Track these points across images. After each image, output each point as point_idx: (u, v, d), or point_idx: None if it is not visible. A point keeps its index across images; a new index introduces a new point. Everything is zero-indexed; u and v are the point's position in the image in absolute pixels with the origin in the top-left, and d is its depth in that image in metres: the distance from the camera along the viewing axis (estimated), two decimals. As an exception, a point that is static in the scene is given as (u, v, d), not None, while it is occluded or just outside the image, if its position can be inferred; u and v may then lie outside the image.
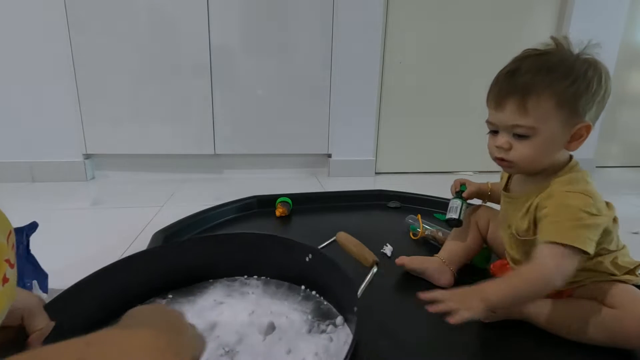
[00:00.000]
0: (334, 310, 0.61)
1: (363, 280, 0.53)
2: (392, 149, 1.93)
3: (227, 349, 0.54)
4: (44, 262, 0.75)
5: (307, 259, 0.63)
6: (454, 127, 1.95)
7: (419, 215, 1.07)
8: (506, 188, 0.76)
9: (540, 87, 0.60)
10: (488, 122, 0.67)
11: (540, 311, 0.67)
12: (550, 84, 0.60)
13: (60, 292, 0.59)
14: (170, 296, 0.67)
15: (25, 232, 0.73)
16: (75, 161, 1.65)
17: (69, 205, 1.38)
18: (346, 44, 1.70)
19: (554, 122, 0.61)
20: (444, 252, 0.85)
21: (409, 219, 1.09)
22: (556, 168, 0.66)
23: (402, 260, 0.84)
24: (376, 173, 1.94)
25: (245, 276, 0.70)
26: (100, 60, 1.56)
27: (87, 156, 1.68)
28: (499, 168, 0.80)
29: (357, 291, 0.51)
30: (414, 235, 1.05)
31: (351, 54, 1.72)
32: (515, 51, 0.69)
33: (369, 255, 0.55)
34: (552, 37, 0.65)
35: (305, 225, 1.16)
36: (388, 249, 0.96)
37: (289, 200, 1.22)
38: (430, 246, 1.00)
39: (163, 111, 1.66)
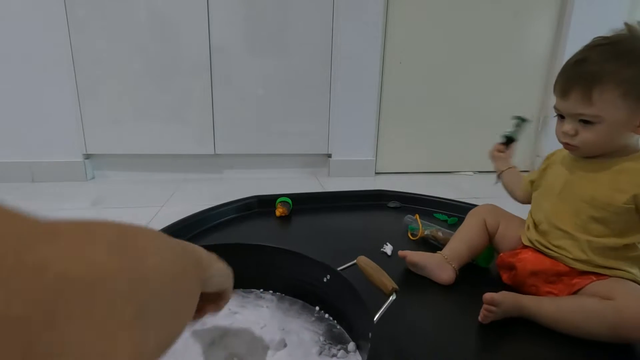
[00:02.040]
0: (347, 335, 0.60)
1: (380, 307, 0.52)
2: (392, 149, 1.93)
3: (236, 359, 0.55)
4: (44, 261, 0.75)
5: (325, 280, 0.61)
6: (454, 127, 1.95)
7: (417, 215, 1.06)
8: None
9: (605, 77, 0.61)
10: (555, 108, 0.69)
11: (542, 309, 0.67)
12: (617, 73, 0.60)
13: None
14: None
15: (25, 232, 0.73)
16: (75, 161, 1.65)
17: (69, 205, 1.38)
18: (346, 44, 1.70)
19: (619, 110, 0.62)
20: (446, 249, 0.85)
21: (407, 219, 1.09)
22: (629, 150, 0.67)
23: (404, 253, 0.84)
24: (376, 173, 1.93)
25: (261, 289, 0.69)
26: (100, 60, 1.56)
27: (87, 156, 1.68)
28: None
29: (373, 317, 0.49)
30: (413, 235, 1.04)
31: (351, 54, 1.72)
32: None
33: (388, 282, 0.53)
34: (626, 23, 0.65)
35: (305, 225, 1.16)
36: (388, 248, 0.96)
37: (289, 200, 1.22)
38: (431, 246, 1.00)
39: (163, 111, 1.66)
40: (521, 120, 0.89)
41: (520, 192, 0.87)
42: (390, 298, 0.52)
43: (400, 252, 0.85)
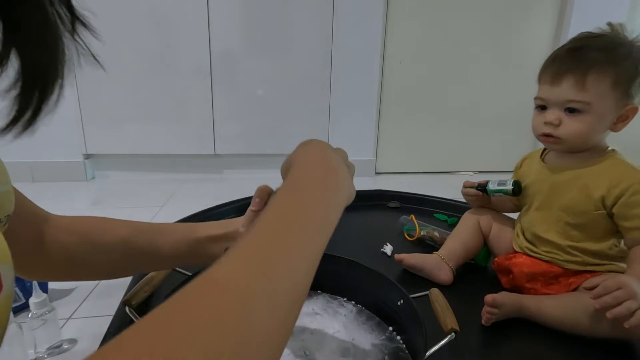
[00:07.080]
0: None
1: (437, 343, 0.53)
2: (392, 149, 1.93)
3: (307, 353, 0.59)
4: (44, 262, 0.75)
5: (398, 304, 0.63)
6: (454, 127, 1.95)
7: (412, 216, 1.06)
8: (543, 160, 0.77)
9: (602, 64, 0.62)
10: (538, 97, 0.70)
11: (542, 308, 0.67)
12: (612, 62, 0.62)
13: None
14: None
15: (25, 232, 0.73)
16: (75, 161, 1.65)
17: (69, 205, 1.38)
18: (346, 44, 1.70)
19: (607, 100, 0.63)
20: (443, 250, 0.85)
21: (402, 219, 1.09)
22: (599, 149, 0.68)
23: (401, 256, 0.84)
24: (376, 173, 1.93)
25: (345, 299, 0.73)
26: (100, 60, 1.55)
27: (87, 156, 1.68)
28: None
29: (426, 351, 0.50)
30: (410, 236, 1.04)
31: (351, 53, 1.72)
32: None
33: (449, 322, 0.55)
34: (609, 23, 0.66)
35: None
36: (388, 249, 0.96)
37: (289, 200, 1.21)
38: (428, 246, 1.00)
39: (163, 111, 1.66)
40: (512, 190, 0.78)
41: (509, 208, 0.88)
42: (448, 337, 0.52)
43: (397, 256, 0.85)
